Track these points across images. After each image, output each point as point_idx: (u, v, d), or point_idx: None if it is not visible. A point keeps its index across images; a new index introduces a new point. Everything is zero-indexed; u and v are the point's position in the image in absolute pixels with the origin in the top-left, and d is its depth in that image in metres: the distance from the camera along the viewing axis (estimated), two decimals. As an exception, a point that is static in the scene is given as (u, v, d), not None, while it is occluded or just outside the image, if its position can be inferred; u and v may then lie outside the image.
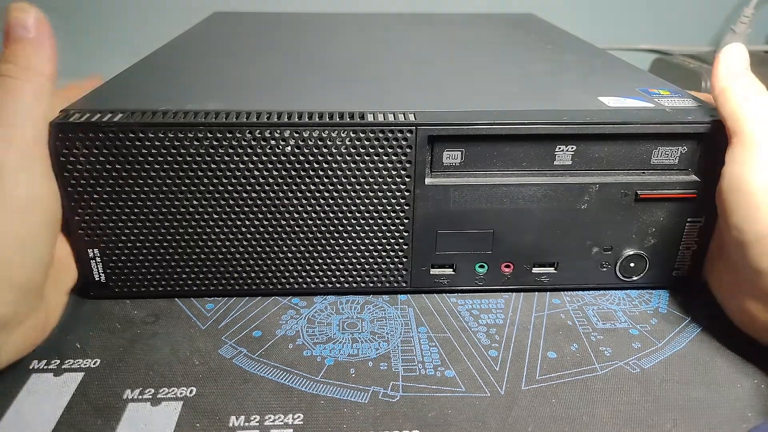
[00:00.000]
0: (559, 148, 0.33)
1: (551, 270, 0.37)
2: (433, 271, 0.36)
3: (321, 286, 0.36)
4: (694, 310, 0.36)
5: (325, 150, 0.32)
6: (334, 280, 0.36)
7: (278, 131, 0.32)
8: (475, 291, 0.37)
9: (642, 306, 0.36)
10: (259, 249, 0.35)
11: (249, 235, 0.34)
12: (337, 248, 0.35)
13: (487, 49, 0.51)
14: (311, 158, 0.32)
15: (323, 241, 0.35)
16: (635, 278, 0.37)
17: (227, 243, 0.34)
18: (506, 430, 0.27)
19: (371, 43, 0.53)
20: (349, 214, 0.34)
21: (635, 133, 0.33)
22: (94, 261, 0.34)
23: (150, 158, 0.32)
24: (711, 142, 0.33)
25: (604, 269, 0.37)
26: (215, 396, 0.29)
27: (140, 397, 0.29)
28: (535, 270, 0.37)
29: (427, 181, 0.33)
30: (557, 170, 0.34)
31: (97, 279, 0.35)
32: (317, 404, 0.29)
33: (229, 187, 0.33)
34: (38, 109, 0.29)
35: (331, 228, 0.34)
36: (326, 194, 0.33)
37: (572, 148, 0.33)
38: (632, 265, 0.36)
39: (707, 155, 0.33)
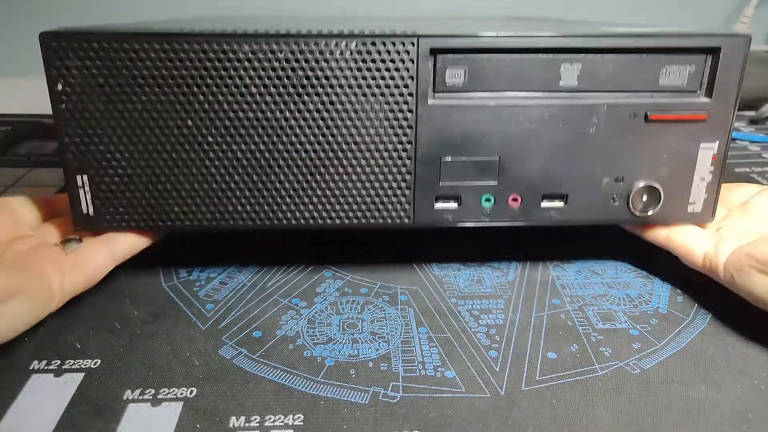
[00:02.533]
0: (565, 66, 0.32)
1: (560, 204, 0.35)
2: (437, 206, 0.35)
3: (320, 219, 0.34)
4: (693, 309, 0.36)
5: (324, 65, 0.31)
6: (333, 213, 0.34)
7: (276, 43, 0.30)
8: (481, 229, 0.35)
9: (642, 306, 0.36)
10: (254, 176, 0.33)
11: (244, 160, 0.33)
12: (336, 177, 0.33)
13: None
14: (310, 74, 0.31)
15: (322, 169, 0.33)
16: (649, 212, 0.35)
17: (221, 169, 0.33)
18: (506, 430, 0.27)
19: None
20: (349, 137, 0.32)
21: (642, 47, 0.32)
22: (82, 190, 0.33)
23: (144, 72, 0.30)
24: (720, 58, 0.32)
25: (616, 203, 0.35)
26: (215, 396, 0.29)
27: (140, 397, 0.29)
28: (544, 204, 0.35)
29: (430, 101, 0.32)
30: (563, 91, 0.33)
31: (84, 212, 0.33)
32: (317, 405, 0.29)
33: (225, 105, 0.31)
34: None
35: (330, 153, 0.33)
36: (325, 114, 0.32)
37: (578, 66, 0.32)
38: (645, 198, 0.35)
39: (716, 74, 0.33)
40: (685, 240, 0.36)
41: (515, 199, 0.35)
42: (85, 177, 0.33)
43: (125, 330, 0.34)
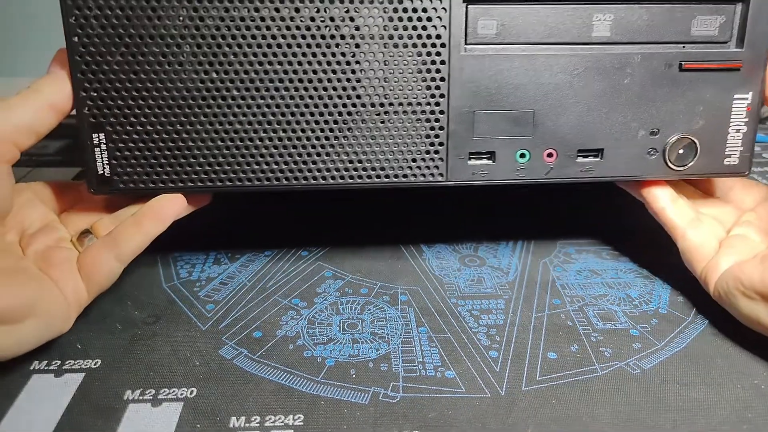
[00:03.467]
0: (597, 17, 0.32)
1: (596, 159, 0.35)
2: (470, 162, 0.34)
3: (349, 178, 0.33)
4: (694, 310, 0.36)
5: (354, 13, 0.30)
6: (364, 172, 0.33)
7: None
8: (516, 186, 0.35)
9: (642, 306, 0.36)
10: (280, 133, 0.32)
11: (270, 116, 0.32)
12: (366, 132, 0.32)
13: None
14: (339, 23, 0.30)
15: (351, 124, 0.32)
16: (687, 166, 0.35)
17: (246, 125, 0.32)
18: (506, 430, 0.27)
19: None
20: (379, 90, 0.32)
21: None
22: (98, 149, 0.32)
23: (165, 21, 0.29)
24: (751, 8, 0.32)
25: (653, 157, 0.35)
26: (216, 397, 0.29)
27: (141, 397, 0.29)
28: (579, 159, 0.35)
29: (463, 52, 0.32)
30: (597, 43, 0.33)
31: (100, 172, 0.32)
32: (318, 405, 0.29)
33: (250, 57, 0.30)
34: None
35: (360, 107, 0.32)
36: (355, 66, 0.31)
37: (610, 17, 0.32)
38: (681, 151, 0.35)
39: (747, 25, 0.33)
40: (695, 243, 0.35)
41: (550, 155, 0.34)
42: (101, 135, 0.31)
43: (126, 330, 0.34)
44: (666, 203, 0.36)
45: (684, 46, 0.33)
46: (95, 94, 0.31)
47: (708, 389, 0.30)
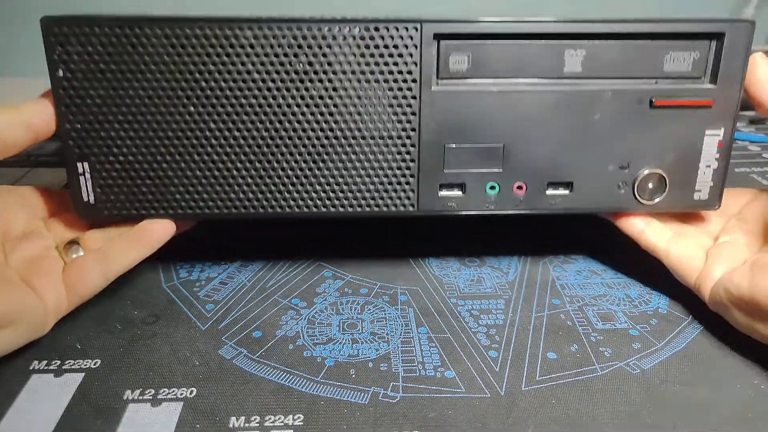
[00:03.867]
0: (569, 53, 0.32)
1: (566, 192, 0.35)
2: (441, 193, 0.35)
3: (323, 207, 0.34)
4: (694, 310, 0.36)
5: (327, 50, 0.31)
6: (337, 202, 0.34)
7: (279, 28, 0.30)
8: (486, 217, 0.35)
9: (642, 306, 0.36)
10: (257, 163, 0.33)
11: (247, 147, 0.32)
12: (340, 164, 0.33)
13: None
14: (313, 59, 0.31)
15: (325, 156, 0.33)
16: (655, 200, 0.35)
17: (223, 156, 0.33)
18: (506, 430, 0.27)
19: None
20: (352, 125, 0.32)
21: (646, 32, 0.32)
22: (83, 177, 0.33)
23: (146, 57, 0.30)
24: (724, 44, 0.32)
25: (622, 190, 0.35)
26: (215, 397, 0.29)
27: (140, 397, 0.29)
28: (549, 192, 0.35)
29: (434, 87, 0.32)
30: (568, 77, 0.33)
31: (85, 200, 0.33)
32: (317, 405, 0.29)
33: (228, 91, 0.31)
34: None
35: (334, 140, 0.33)
36: (328, 101, 0.32)
37: (582, 52, 0.32)
38: (651, 185, 0.35)
39: (720, 60, 0.33)
40: (680, 257, 0.35)
41: (520, 187, 0.35)
42: (86, 164, 0.32)
43: (125, 330, 0.34)
44: (642, 226, 0.37)
45: (656, 81, 0.33)
46: (79, 126, 0.32)
47: (708, 389, 0.30)
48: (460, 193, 0.35)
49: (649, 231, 0.37)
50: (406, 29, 0.31)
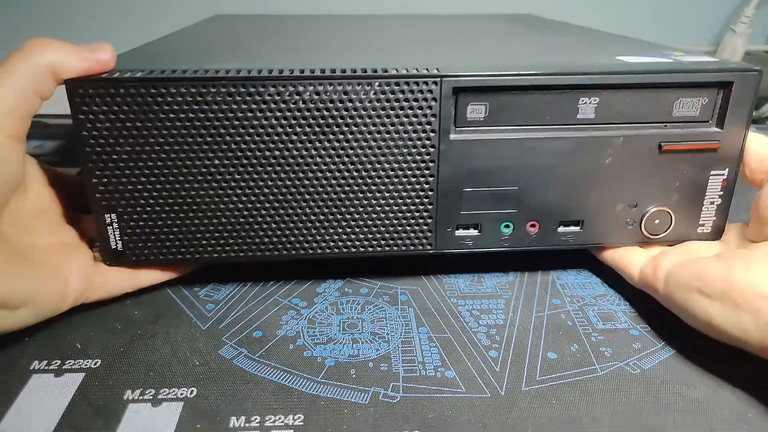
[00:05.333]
0: (583, 101, 0.33)
1: (576, 229, 0.36)
2: (458, 233, 0.36)
3: (344, 248, 0.35)
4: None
5: (348, 104, 0.32)
6: (358, 243, 0.35)
7: (301, 85, 0.31)
8: (501, 253, 0.37)
9: (642, 306, 0.36)
10: (281, 211, 0.34)
11: (270, 196, 0.33)
12: (361, 209, 0.34)
13: (495, 30, 0.52)
14: (334, 113, 0.32)
15: (347, 202, 0.34)
16: (661, 235, 0.37)
17: (248, 204, 0.34)
18: (506, 430, 0.27)
19: (379, 26, 0.55)
20: (373, 173, 0.33)
21: (658, 83, 0.33)
22: (111, 227, 0.34)
23: (170, 115, 0.31)
24: (732, 91, 0.33)
25: (630, 227, 0.36)
26: (215, 397, 0.29)
27: (141, 397, 0.29)
28: (561, 229, 0.36)
29: (452, 136, 0.33)
30: (581, 124, 0.34)
31: (113, 247, 0.34)
32: (318, 405, 0.29)
33: (252, 145, 0.32)
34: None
35: (355, 187, 0.34)
36: (350, 152, 0.33)
37: (595, 100, 0.33)
38: (657, 221, 0.36)
39: (728, 106, 0.34)
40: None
41: (533, 225, 0.36)
42: (113, 215, 0.33)
43: (126, 330, 0.34)
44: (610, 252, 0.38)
45: (665, 126, 0.34)
46: (106, 180, 0.32)
47: (708, 389, 0.30)
48: (475, 232, 0.36)
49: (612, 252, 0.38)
50: (426, 83, 0.32)
